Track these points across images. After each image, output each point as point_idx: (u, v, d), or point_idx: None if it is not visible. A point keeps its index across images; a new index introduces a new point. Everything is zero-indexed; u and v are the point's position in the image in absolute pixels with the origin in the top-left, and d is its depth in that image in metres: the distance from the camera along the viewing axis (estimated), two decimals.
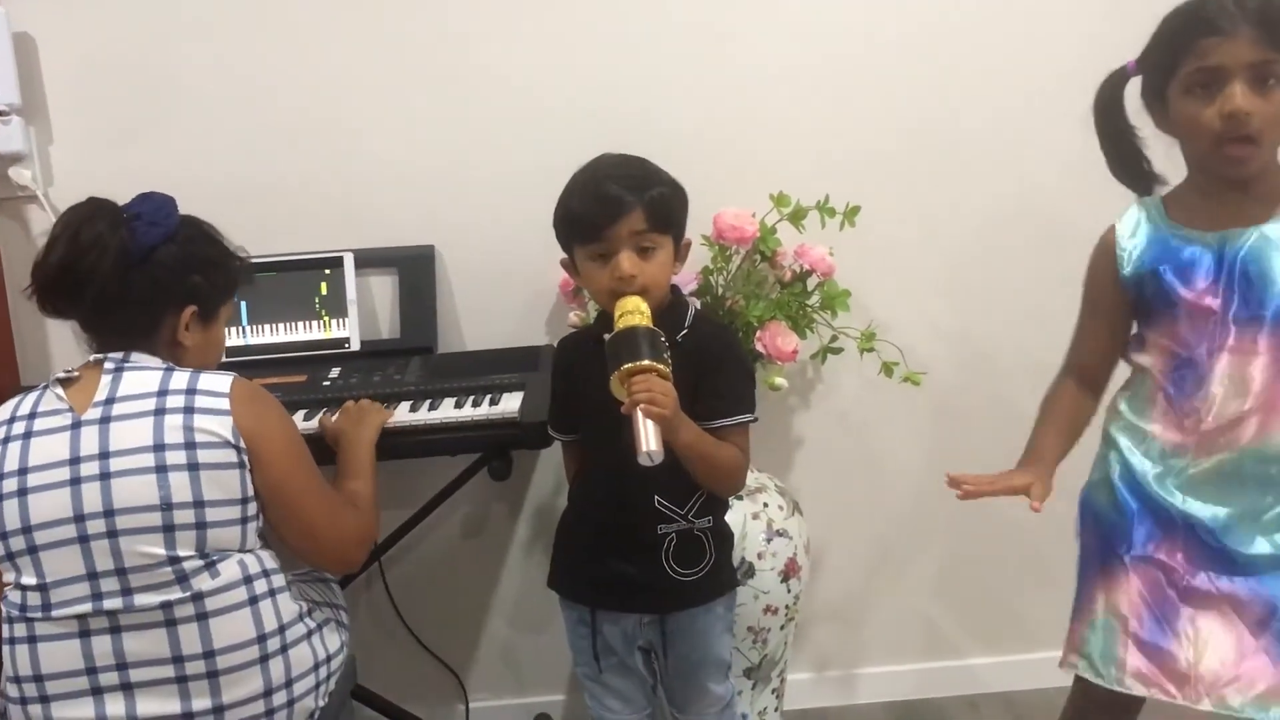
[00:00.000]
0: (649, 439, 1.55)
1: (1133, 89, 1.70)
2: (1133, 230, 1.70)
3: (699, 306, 1.95)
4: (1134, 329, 1.75)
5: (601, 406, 1.65)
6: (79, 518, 1.54)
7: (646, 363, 1.59)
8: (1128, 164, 1.74)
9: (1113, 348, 1.77)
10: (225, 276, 1.76)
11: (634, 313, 1.65)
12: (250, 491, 1.62)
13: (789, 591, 2.29)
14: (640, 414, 1.56)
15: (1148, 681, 1.67)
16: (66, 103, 2.37)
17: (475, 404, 2.08)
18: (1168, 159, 1.69)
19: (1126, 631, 1.69)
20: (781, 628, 2.31)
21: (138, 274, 1.62)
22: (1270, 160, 1.60)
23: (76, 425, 1.57)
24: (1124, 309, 1.73)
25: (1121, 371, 1.80)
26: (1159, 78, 1.62)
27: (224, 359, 2.23)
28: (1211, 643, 1.63)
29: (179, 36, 2.35)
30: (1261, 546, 1.60)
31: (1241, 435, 1.60)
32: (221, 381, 1.63)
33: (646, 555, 1.81)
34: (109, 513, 1.54)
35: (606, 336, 1.67)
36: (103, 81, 2.36)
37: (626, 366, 1.59)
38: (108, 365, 1.61)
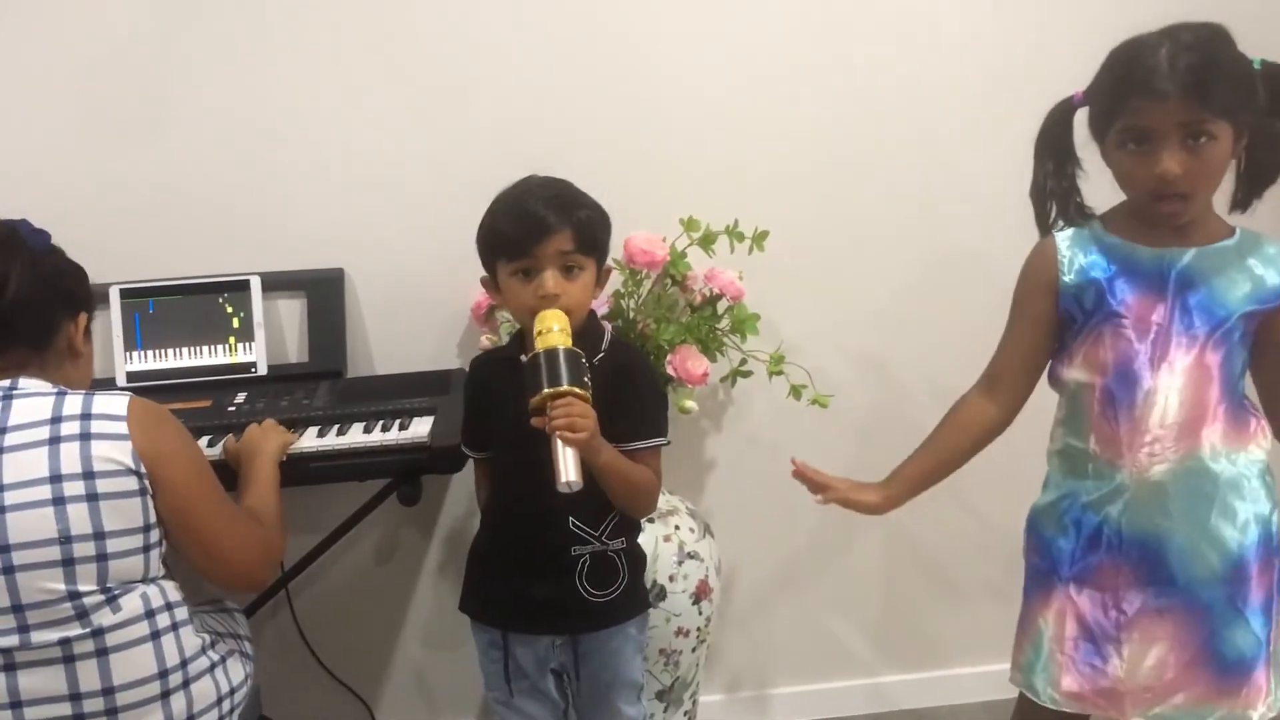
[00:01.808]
0: (568, 468, 1.57)
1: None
2: (1073, 240, 1.71)
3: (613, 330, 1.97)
4: (1061, 344, 1.75)
5: (515, 428, 1.66)
6: None
7: (565, 387, 1.60)
8: (1047, 195, 1.74)
9: (1034, 356, 1.78)
10: (89, 286, 1.73)
11: (555, 331, 1.65)
12: (153, 518, 1.58)
13: (700, 613, 2.30)
14: (559, 442, 1.57)
15: (1081, 700, 1.72)
16: None
17: (385, 429, 2.06)
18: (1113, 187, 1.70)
19: (1063, 652, 1.73)
20: (693, 649, 2.32)
21: (41, 279, 1.59)
22: (1204, 205, 1.64)
23: None
24: (1052, 320, 1.73)
25: (1053, 396, 1.82)
26: (1099, 121, 1.64)
27: (128, 384, 2.21)
28: (1145, 659, 1.68)
29: (86, 55, 2.31)
30: (1199, 562, 1.65)
31: (1177, 449, 1.64)
32: (118, 404, 1.58)
33: (560, 576, 1.82)
34: (4, 548, 1.48)
35: (524, 358, 1.67)
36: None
37: (546, 391, 1.60)
38: None
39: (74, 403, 1.56)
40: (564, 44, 2.41)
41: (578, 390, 1.61)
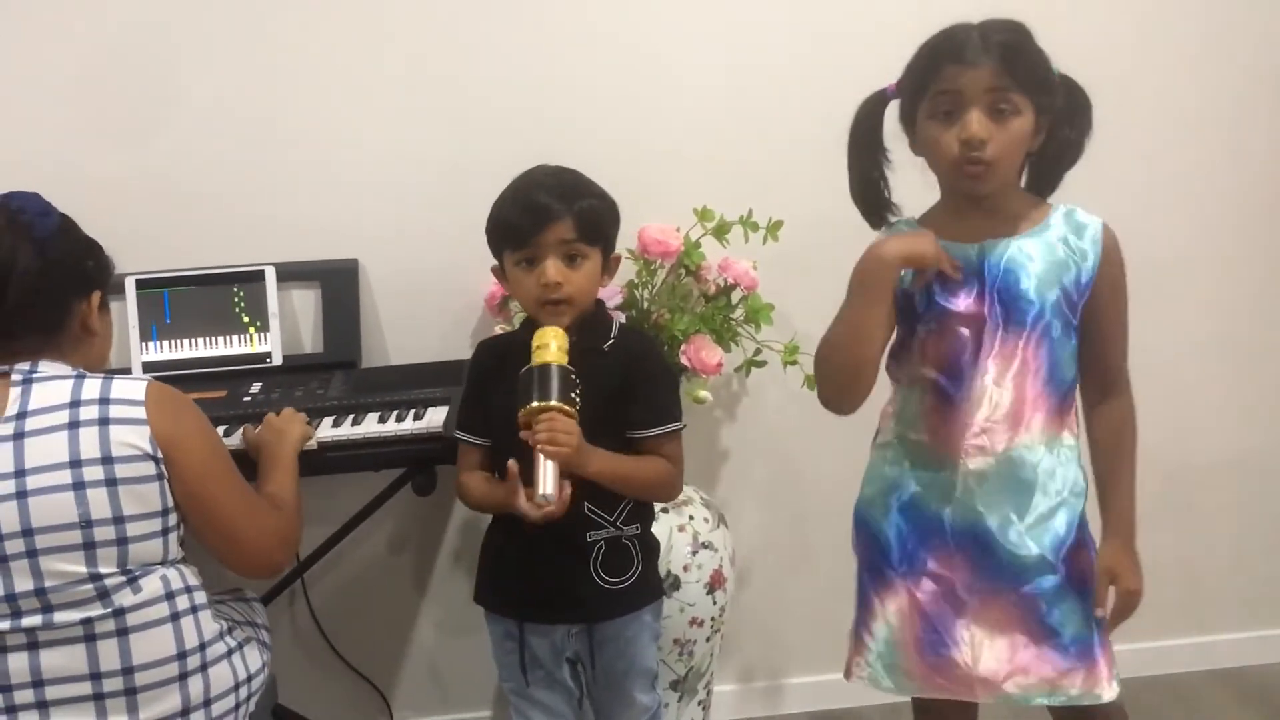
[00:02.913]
0: (546, 482, 1.63)
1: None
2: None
3: (623, 320, 1.97)
4: (898, 342, 1.77)
5: None
6: None
7: (554, 403, 1.64)
8: (868, 188, 1.80)
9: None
10: (105, 260, 1.72)
11: (549, 347, 1.68)
12: (170, 502, 1.59)
13: (714, 604, 2.30)
14: (541, 456, 1.62)
15: (932, 685, 1.73)
16: None
17: (399, 418, 2.07)
18: (924, 185, 1.74)
19: (907, 642, 1.73)
20: (707, 640, 2.32)
21: (48, 265, 1.58)
22: (1011, 181, 1.69)
23: None
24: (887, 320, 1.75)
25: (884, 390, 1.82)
26: (911, 101, 1.69)
27: (144, 374, 2.21)
28: (987, 644, 1.69)
29: (101, 47, 2.32)
30: (1028, 548, 1.66)
31: (1000, 439, 1.66)
32: (136, 388, 1.59)
33: (575, 564, 1.82)
34: (27, 532, 1.49)
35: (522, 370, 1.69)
36: (19, 89, 2.33)
37: (532, 406, 1.64)
38: (15, 377, 1.56)
39: (93, 387, 1.57)
40: (577, 36, 2.42)
41: (564, 407, 1.64)
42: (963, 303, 1.67)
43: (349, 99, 2.39)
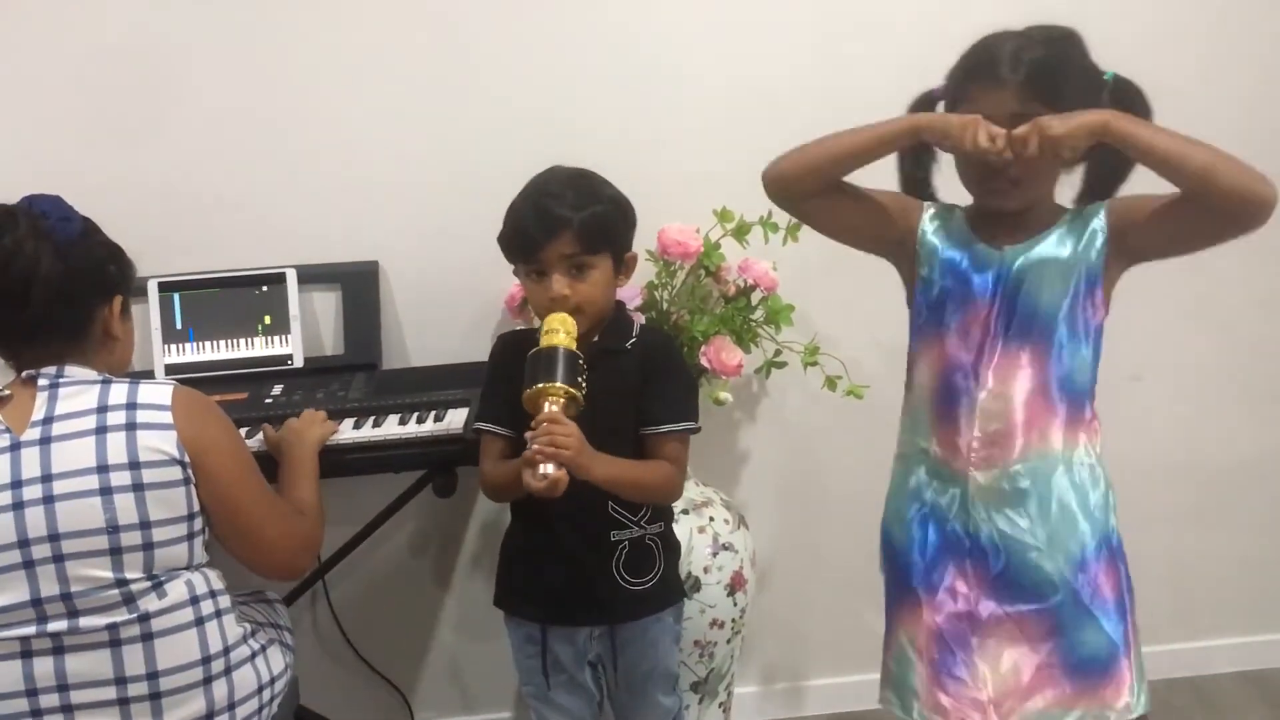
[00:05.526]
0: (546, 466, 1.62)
1: None
2: (938, 231, 1.71)
3: (644, 321, 1.97)
4: (917, 338, 1.75)
5: None
6: (23, 543, 1.50)
7: (558, 384, 1.63)
8: (910, 187, 1.78)
9: (862, 207, 1.77)
10: (127, 264, 1.71)
11: (557, 332, 1.68)
12: (196, 507, 1.60)
13: (735, 605, 2.30)
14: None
15: (947, 715, 1.68)
16: None
17: (420, 420, 2.07)
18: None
19: (924, 665, 1.70)
20: (728, 641, 2.32)
21: (71, 270, 1.57)
22: (1042, 195, 1.63)
23: (15, 447, 1.52)
24: (881, 227, 1.74)
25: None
26: (950, 109, 1.66)
27: (169, 378, 2.22)
28: (1001, 667, 1.66)
29: (120, 48, 2.33)
30: (1041, 568, 1.63)
31: (1008, 452, 1.63)
32: (162, 393, 1.60)
33: (599, 565, 1.82)
34: (54, 537, 1.50)
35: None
36: (39, 90, 2.34)
37: (538, 387, 1.63)
38: (41, 382, 1.57)
39: (119, 392, 1.57)
40: (596, 37, 2.41)
41: (568, 389, 1.63)
42: (976, 309, 1.65)
43: (369, 102, 2.39)
